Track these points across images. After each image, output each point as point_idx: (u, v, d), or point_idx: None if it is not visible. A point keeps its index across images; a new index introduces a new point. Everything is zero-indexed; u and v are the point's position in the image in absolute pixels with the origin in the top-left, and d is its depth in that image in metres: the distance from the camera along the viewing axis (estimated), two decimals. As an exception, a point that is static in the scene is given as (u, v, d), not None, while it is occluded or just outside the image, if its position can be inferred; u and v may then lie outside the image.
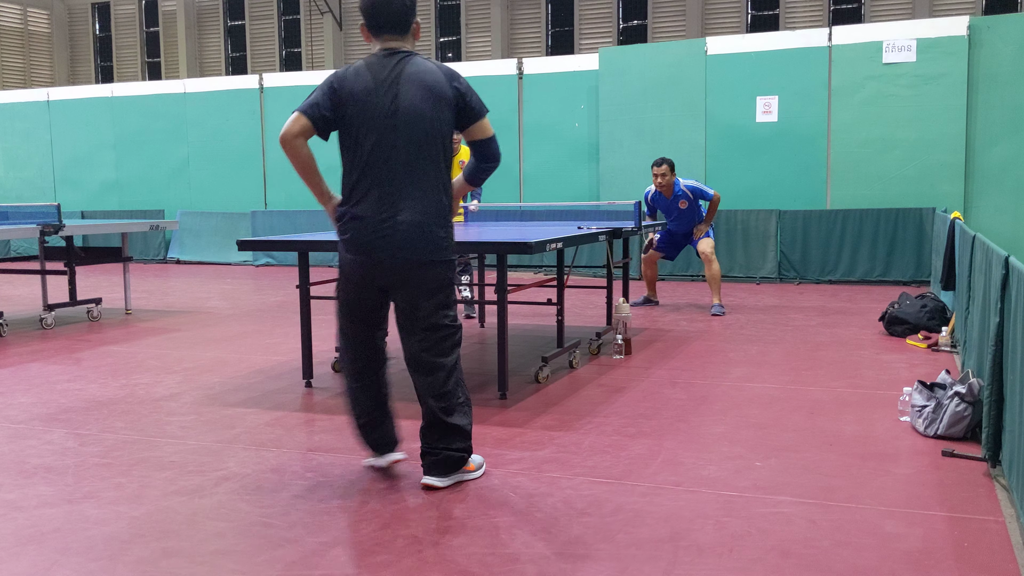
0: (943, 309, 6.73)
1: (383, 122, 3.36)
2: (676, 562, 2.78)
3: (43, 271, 7.75)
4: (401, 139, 3.36)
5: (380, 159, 3.36)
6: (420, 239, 3.38)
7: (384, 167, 3.37)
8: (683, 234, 8.53)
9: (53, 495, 3.45)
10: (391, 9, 3.40)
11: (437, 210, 3.42)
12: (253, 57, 25.59)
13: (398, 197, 3.36)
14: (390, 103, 3.35)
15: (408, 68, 3.40)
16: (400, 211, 3.36)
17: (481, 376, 5.54)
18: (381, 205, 3.36)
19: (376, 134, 3.36)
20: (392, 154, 3.36)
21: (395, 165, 3.37)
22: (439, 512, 3.22)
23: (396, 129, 3.36)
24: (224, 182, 13.91)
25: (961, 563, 2.75)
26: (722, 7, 21.17)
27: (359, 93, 3.37)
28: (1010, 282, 3.38)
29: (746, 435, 4.17)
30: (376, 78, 3.38)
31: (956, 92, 10.00)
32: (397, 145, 3.36)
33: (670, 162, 8.23)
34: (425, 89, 3.38)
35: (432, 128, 3.38)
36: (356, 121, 3.37)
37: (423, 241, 3.38)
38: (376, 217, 3.36)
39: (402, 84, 3.37)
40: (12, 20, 26.31)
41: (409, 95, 3.36)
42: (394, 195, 3.36)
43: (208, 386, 5.35)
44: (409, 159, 3.37)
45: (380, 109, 3.35)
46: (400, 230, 3.35)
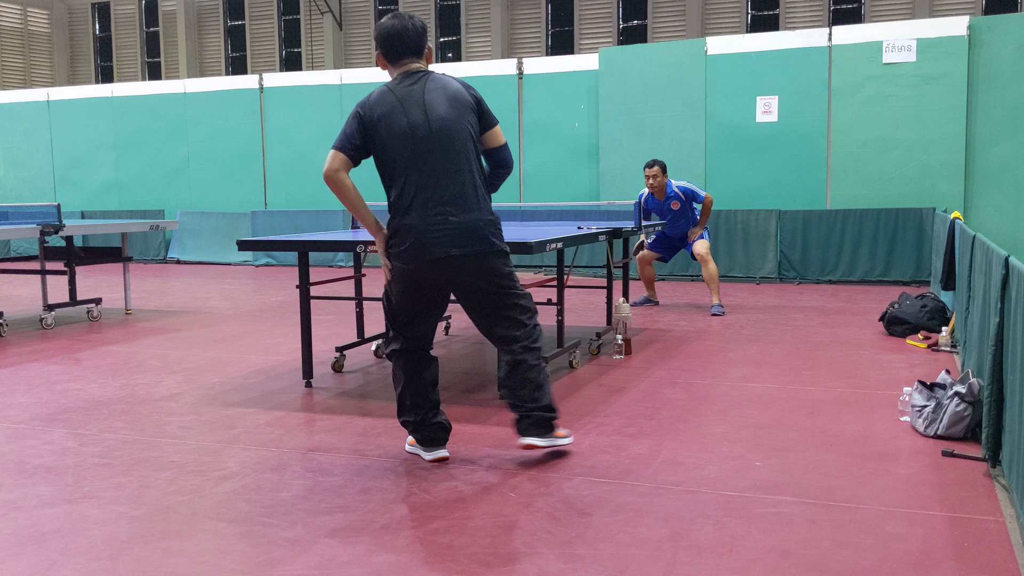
0: (943, 309, 6.73)
1: (417, 135, 3.58)
2: (676, 562, 2.78)
3: (43, 271, 7.75)
4: (437, 147, 3.58)
5: (421, 169, 3.58)
6: (474, 234, 3.60)
7: (426, 175, 3.58)
8: (678, 237, 8.52)
9: (53, 495, 3.45)
10: (406, 37, 3.68)
11: (483, 206, 3.66)
12: (253, 57, 25.60)
13: (445, 201, 3.58)
14: (421, 116, 3.59)
15: (429, 83, 3.66)
16: (450, 214, 3.57)
17: (481, 376, 5.54)
18: (430, 211, 3.57)
19: (412, 147, 3.58)
20: (431, 162, 3.58)
21: (436, 172, 3.58)
22: (439, 512, 3.22)
23: (431, 139, 3.58)
24: (224, 182, 13.92)
25: (961, 563, 2.76)
26: (722, 7, 21.17)
27: (388, 114, 3.60)
28: (1010, 282, 3.38)
29: (746, 435, 4.17)
30: (402, 98, 3.62)
31: (956, 92, 10.00)
32: (434, 153, 3.58)
33: (661, 164, 8.22)
34: (450, 98, 3.63)
35: (463, 133, 3.63)
36: (390, 140, 3.59)
37: (476, 235, 3.61)
38: (428, 223, 3.56)
39: (427, 97, 3.62)
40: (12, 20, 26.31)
41: (437, 106, 3.60)
42: (441, 199, 3.58)
43: (208, 386, 5.35)
44: (448, 164, 3.59)
45: (412, 124, 3.58)
46: (453, 231, 3.57)
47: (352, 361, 6.02)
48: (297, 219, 13.04)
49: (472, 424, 4.41)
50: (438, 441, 3.84)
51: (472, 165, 3.65)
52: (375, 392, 5.18)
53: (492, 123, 3.76)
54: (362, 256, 6.02)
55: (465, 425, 4.38)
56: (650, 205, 8.35)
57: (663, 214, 8.38)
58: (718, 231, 10.77)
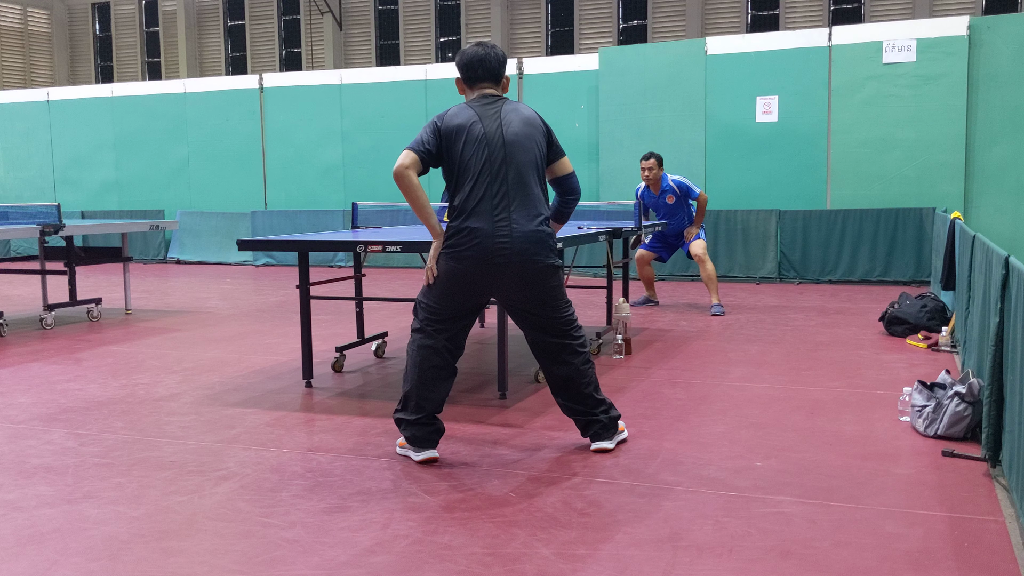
0: (943, 309, 6.73)
1: (493, 147, 3.78)
2: (676, 562, 2.78)
3: (43, 271, 7.75)
4: (510, 161, 3.79)
5: (492, 177, 3.77)
6: (536, 244, 3.77)
7: (497, 183, 3.77)
8: (673, 234, 8.46)
9: (53, 495, 3.45)
10: (488, 65, 3.90)
11: (544, 220, 3.84)
12: (253, 57, 25.60)
13: (511, 210, 3.76)
14: (497, 131, 3.80)
15: (507, 106, 3.90)
16: (515, 222, 3.75)
17: (481, 376, 5.54)
18: (497, 218, 3.74)
19: (487, 154, 3.77)
20: (503, 171, 3.78)
21: (506, 181, 3.78)
22: (439, 512, 3.22)
23: (505, 152, 3.79)
24: (224, 182, 13.92)
25: (961, 563, 2.75)
26: (722, 7, 21.17)
27: (467, 125, 3.80)
28: (1010, 282, 3.37)
29: (746, 435, 4.17)
30: (481, 114, 3.83)
31: (956, 92, 10.00)
32: (507, 166, 3.79)
33: (658, 156, 8.18)
34: (525, 121, 3.87)
35: (534, 152, 3.85)
36: (466, 146, 3.78)
37: (539, 246, 3.78)
38: (492, 229, 3.72)
39: (504, 116, 3.84)
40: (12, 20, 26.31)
41: (513, 125, 3.83)
42: (508, 208, 3.76)
43: (208, 386, 5.35)
44: (518, 178, 3.80)
45: (488, 134, 3.79)
46: (517, 238, 3.73)
47: (352, 361, 6.02)
48: (297, 219, 13.04)
49: (472, 424, 4.41)
50: (430, 442, 3.86)
51: (538, 182, 3.87)
52: (375, 392, 5.18)
53: (561, 153, 4.00)
54: (362, 256, 6.02)
55: (465, 425, 4.38)
56: (645, 199, 8.30)
57: (658, 209, 8.33)
58: (718, 231, 10.77)
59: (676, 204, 8.26)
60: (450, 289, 3.82)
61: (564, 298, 3.94)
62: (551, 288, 3.86)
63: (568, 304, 3.96)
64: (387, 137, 12.86)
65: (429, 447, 3.85)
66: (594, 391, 3.95)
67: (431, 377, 3.85)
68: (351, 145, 13.12)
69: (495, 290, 3.84)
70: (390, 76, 13.11)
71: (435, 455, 3.84)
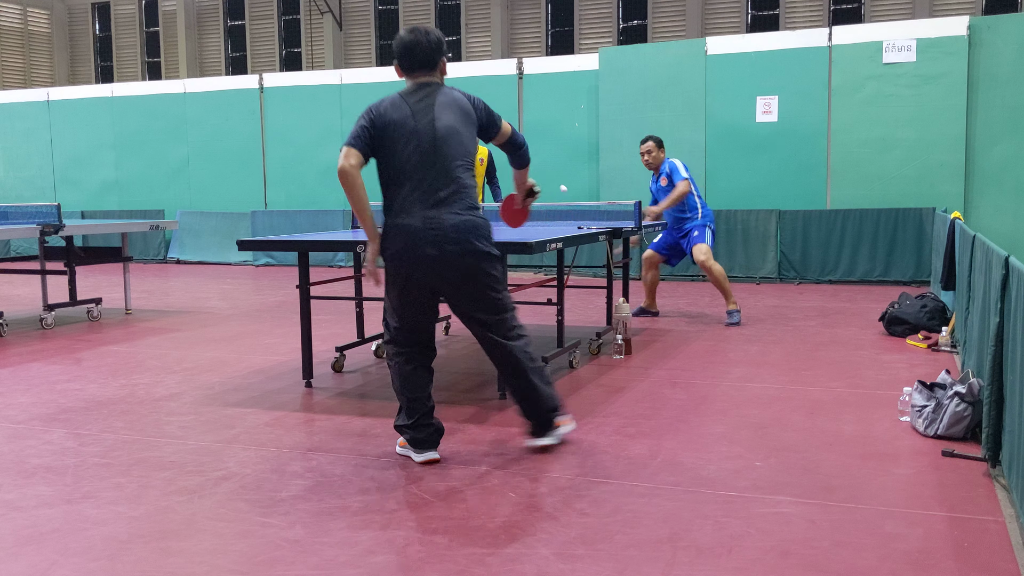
0: (943, 309, 6.73)
1: (423, 142, 3.75)
2: (675, 562, 2.78)
3: (43, 271, 7.75)
4: (440, 155, 3.76)
5: (423, 172, 3.75)
6: (468, 232, 3.74)
7: (428, 179, 3.75)
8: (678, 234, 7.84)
9: (52, 495, 3.45)
10: (421, 50, 3.87)
11: (475, 210, 3.83)
12: (253, 57, 25.60)
13: (441, 204, 3.74)
14: (428, 125, 3.77)
15: (440, 96, 3.85)
16: (445, 214, 3.73)
17: (481, 376, 5.54)
18: (427, 213, 3.72)
19: (417, 151, 3.75)
20: (433, 168, 3.75)
21: (437, 175, 3.75)
22: (439, 512, 3.22)
23: (435, 146, 3.76)
24: (224, 182, 13.91)
25: (961, 563, 2.75)
26: (722, 7, 21.17)
27: (399, 119, 3.77)
28: (1010, 282, 3.37)
29: (746, 435, 4.17)
30: (413, 106, 3.80)
31: (956, 92, 10.00)
32: (437, 160, 3.76)
33: (656, 139, 7.72)
34: (458, 111, 3.84)
35: (465, 143, 3.84)
36: (398, 143, 3.75)
37: (470, 233, 3.75)
38: (422, 224, 3.71)
39: (437, 108, 3.81)
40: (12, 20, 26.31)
41: (445, 117, 3.80)
42: (437, 203, 3.74)
43: (208, 386, 5.35)
44: (448, 172, 3.77)
45: (419, 130, 3.76)
46: (447, 228, 3.71)
47: (352, 361, 6.02)
48: (297, 219, 13.04)
49: (472, 424, 4.40)
50: (431, 444, 3.87)
51: (470, 175, 3.85)
52: (375, 392, 5.18)
53: (499, 123, 4.04)
54: (362, 256, 6.02)
55: (465, 425, 4.38)
56: (651, 188, 7.86)
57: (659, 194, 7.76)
58: (718, 231, 10.75)
59: (668, 188, 7.64)
60: (401, 292, 3.83)
61: (503, 291, 3.90)
62: (487, 277, 3.82)
63: (509, 298, 3.93)
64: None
65: (430, 448, 3.85)
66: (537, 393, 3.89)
67: (413, 381, 3.88)
68: (351, 145, 13.11)
69: (437, 286, 3.82)
70: (390, 76, 13.07)
71: (436, 456, 3.84)
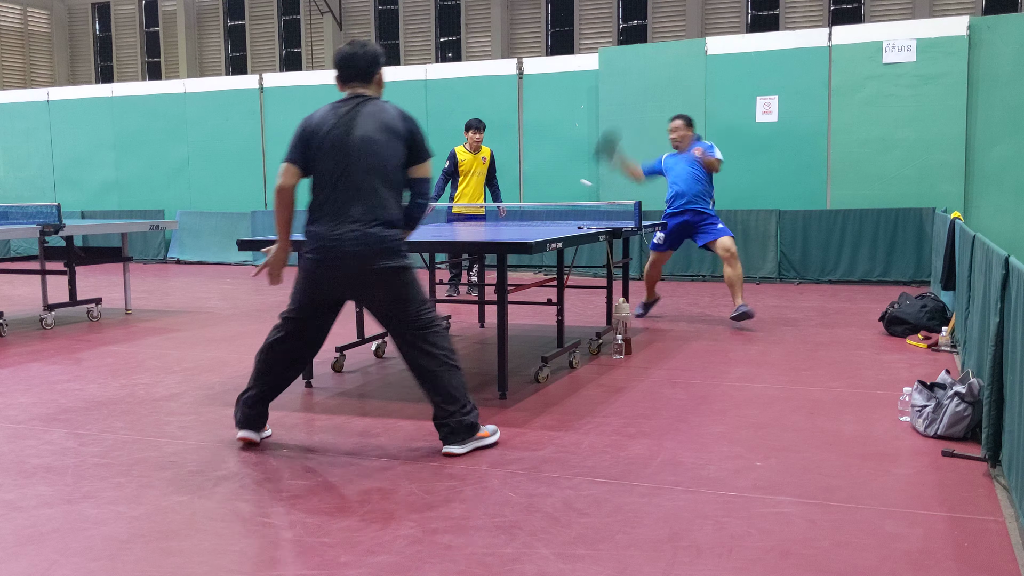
0: (943, 309, 6.73)
1: (340, 153, 3.84)
2: (675, 562, 2.78)
3: (43, 271, 7.75)
4: (356, 166, 3.83)
5: (336, 182, 3.85)
6: (371, 247, 3.80)
7: (338, 189, 3.84)
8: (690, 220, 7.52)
9: (52, 495, 3.45)
10: (355, 63, 3.97)
11: (384, 223, 3.85)
12: (253, 57, 25.60)
13: (351, 215, 3.82)
14: (347, 136, 3.85)
15: (366, 108, 3.92)
16: (352, 227, 3.81)
17: (481, 376, 5.54)
18: (334, 221, 3.83)
19: (333, 161, 3.85)
20: (345, 177, 3.84)
21: (351, 187, 3.84)
22: (439, 512, 3.22)
23: (351, 157, 3.83)
24: (224, 182, 13.91)
25: (961, 563, 2.75)
26: (722, 7, 21.17)
27: (323, 129, 3.88)
28: (1010, 282, 3.37)
29: (746, 435, 4.17)
30: (337, 115, 3.90)
31: (956, 92, 10.00)
32: (349, 170, 3.83)
33: (686, 118, 7.59)
34: (379, 123, 3.87)
35: (385, 156, 3.86)
36: (319, 152, 3.87)
37: (373, 248, 3.81)
38: (330, 232, 3.83)
39: (358, 119, 3.88)
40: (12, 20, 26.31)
41: (363, 127, 3.86)
42: (347, 214, 3.82)
43: (208, 386, 5.35)
44: (361, 183, 3.84)
45: (337, 140, 3.85)
46: (349, 241, 3.79)
47: (352, 361, 6.02)
48: (297, 219, 13.01)
49: (472, 424, 4.40)
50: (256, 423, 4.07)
51: (387, 187, 3.87)
52: (374, 392, 5.18)
53: (424, 157, 3.99)
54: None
55: (465, 425, 4.38)
56: (668, 164, 7.63)
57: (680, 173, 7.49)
58: (718, 231, 10.76)
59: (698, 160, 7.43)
60: (307, 287, 3.97)
61: (415, 300, 3.93)
62: (396, 290, 3.89)
63: (422, 306, 3.95)
64: (387, 137, 12.84)
65: (251, 428, 4.06)
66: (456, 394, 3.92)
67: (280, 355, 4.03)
68: (351, 145, 13.13)
69: (345, 292, 3.96)
70: (390, 76, 12.95)
71: (254, 437, 4.06)
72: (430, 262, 6.79)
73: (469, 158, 9.22)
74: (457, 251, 8.19)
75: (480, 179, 9.32)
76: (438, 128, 12.60)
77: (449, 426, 3.89)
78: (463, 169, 9.23)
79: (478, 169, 9.27)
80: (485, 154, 9.31)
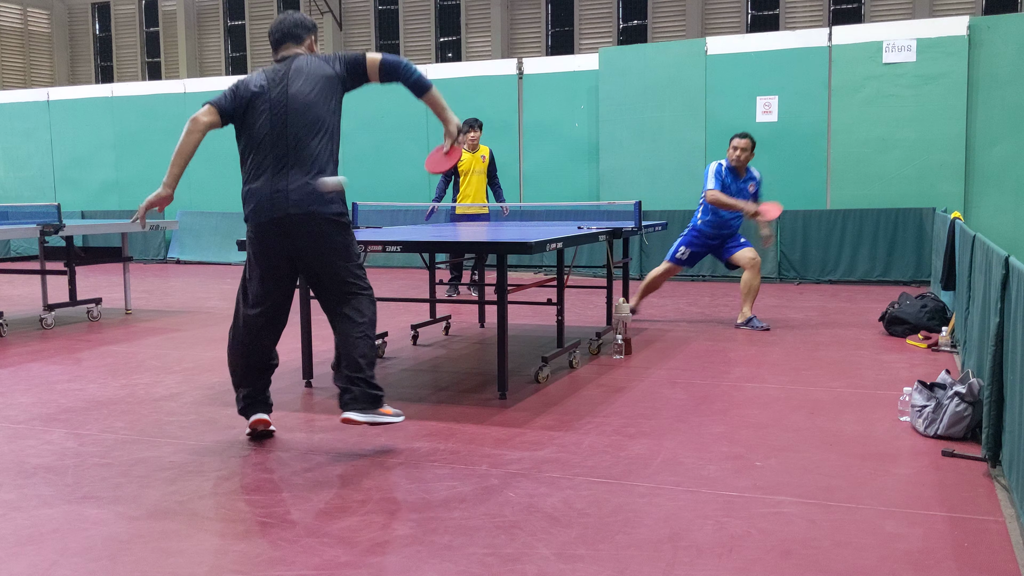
0: (943, 309, 6.73)
1: (275, 113, 3.91)
2: (675, 562, 2.78)
3: (43, 271, 7.75)
4: (292, 124, 3.89)
5: (273, 142, 3.90)
6: (311, 196, 3.86)
7: (276, 148, 3.90)
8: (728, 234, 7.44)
9: (52, 495, 3.45)
10: (281, 26, 4.07)
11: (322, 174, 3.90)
12: (253, 57, 25.58)
13: (288, 171, 3.88)
14: (282, 95, 3.91)
15: (295, 64, 3.97)
16: (292, 180, 3.88)
17: (481, 376, 5.54)
18: (274, 178, 3.90)
19: (270, 122, 3.91)
20: (284, 137, 3.90)
21: (285, 145, 3.89)
22: (439, 512, 3.22)
23: (287, 116, 3.90)
24: (224, 182, 13.91)
25: (961, 563, 2.75)
26: (722, 7, 21.17)
27: (256, 91, 3.95)
28: (1010, 282, 3.37)
29: (746, 435, 4.17)
30: (270, 77, 3.97)
31: (956, 92, 10.00)
32: (288, 130, 3.89)
33: (753, 140, 7.37)
34: (312, 78, 3.93)
35: (321, 108, 3.92)
36: (254, 113, 3.94)
37: (313, 196, 3.86)
38: (270, 189, 3.89)
39: (291, 78, 3.94)
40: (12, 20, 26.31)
41: (296, 85, 3.92)
42: (285, 169, 3.89)
43: (208, 386, 5.35)
44: (299, 140, 3.89)
45: (273, 102, 3.91)
46: (292, 191, 3.86)
47: (352, 361, 6.01)
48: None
49: (472, 424, 4.40)
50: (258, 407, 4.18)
51: (323, 140, 3.93)
52: (375, 392, 5.18)
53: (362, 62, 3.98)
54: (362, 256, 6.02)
55: (465, 425, 4.38)
56: (728, 180, 7.36)
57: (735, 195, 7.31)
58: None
59: (755, 196, 7.40)
60: (259, 258, 4.02)
61: (352, 257, 3.99)
62: (334, 242, 3.93)
63: (358, 268, 4.02)
64: (387, 137, 12.86)
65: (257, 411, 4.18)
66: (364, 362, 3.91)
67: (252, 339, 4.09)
68: (351, 145, 13.11)
69: (289, 251, 3.96)
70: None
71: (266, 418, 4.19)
72: (430, 262, 6.79)
73: (468, 157, 9.22)
74: (456, 251, 8.19)
75: (480, 178, 9.32)
76: (438, 128, 12.59)
77: (352, 392, 3.90)
78: (462, 169, 9.22)
79: (477, 168, 9.26)
80: (484, 153, 9.31)
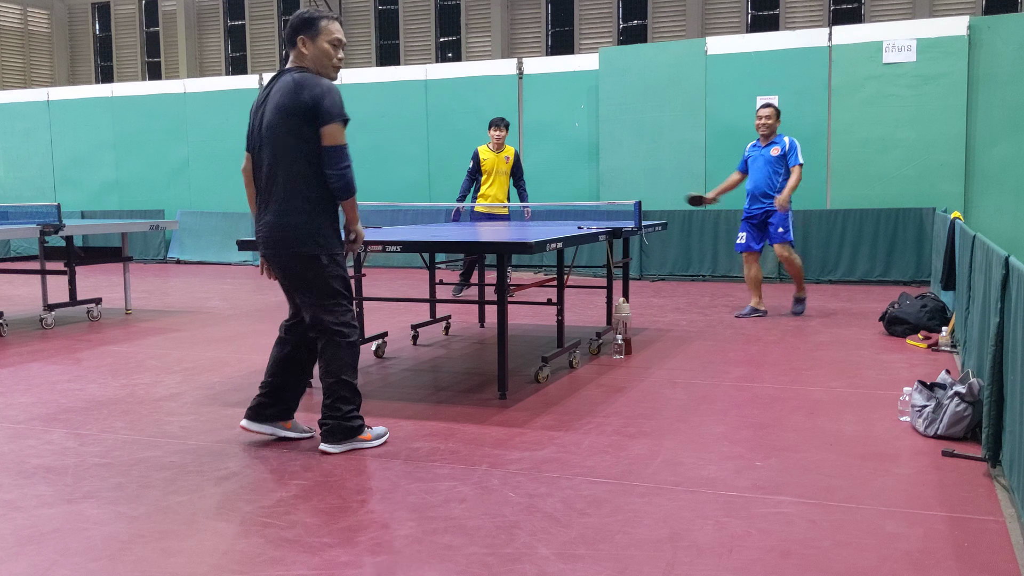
0: (943, 309, 6.73)
1: (255, 138, 3.96)
2: (675, 562, 2.78)
3: (43, 271, 7.75)
4: (266, 153, 3.89)
5: (259, 167, 3.95)
6: (280, 233, 3.86)
7: (258, 178, 3.96)
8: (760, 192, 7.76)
9: (53, 495, 3.45)
10: (286, 32, 4.00)
11: (293, 210, 3.84)
12: (253, 57, 25.58)
13: (269, 200, 3.90)
14: (261, 120, 3.92)
15: (275, 85, 3.90)
16: (268, 212, 3.90)
17: (481, 376, 5.54)
18: (260, 211, 3.96)
19: (254, 150, 3.97)
20: (262, 163, 3.91)
21: (264, 175, 3.91)
22: (439, 512, 3.22)
23: (262, 145, 3.91)
24: (224, 182, 13.91)
25: (961, 563, 2.75)
26: (722, 7, 21.16)
27: (252, 110, 4.00)
28: (1010, 282, 3.37)
29: (746, 435, 4.17)
30: (259, 100, 3.97)
31: (956, 92, 10.00)
32: (264, 158, 3.90)
33: (776, 107, 7.87)
34: (278, 108, 3.82)
35: (285, 141, 3.81)
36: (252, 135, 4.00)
37: (283, 233, 3.86)
38: (257, 221, 3.98)
39: (268, 101, 3.90)
40: (12, 20, 26.31)
41: (268, 114, 3.87)
42: (267, 199, 3.91)
43: (208, 386, 5.35)
44: (272, 168, 3.87)
45: (254, 127, 3.96)
46: (264, 227, 3.92)
47: (352, 361, 6.01)
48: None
49: (472, 424, 4.41)
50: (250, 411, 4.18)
51: (289, 169, 3.82)
52: (374, 392, 5.18)
53: (325, 120, 3.76)
54: (362, 256, 6.02)
55: (465, 425, 4.38)
56: (750, 155, 7.88)
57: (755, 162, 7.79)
58: (718, 231, 10.77)
59: (777, 160, 7.73)
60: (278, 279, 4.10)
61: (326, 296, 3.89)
62: (305, 278, 3.90)
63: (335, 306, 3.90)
64: (387, 137, 12.86)
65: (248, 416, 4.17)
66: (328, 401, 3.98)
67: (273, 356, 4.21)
68: (351, 145, 13.03)
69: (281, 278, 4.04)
70: (390, 76, 13.11)
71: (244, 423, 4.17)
72: (430, 262, 6.79)
73: (492, 157, 9.22)
74: (456, 251, 8.19)
75: (504, 178, 9.32)
76: (438, 128, 12.61)
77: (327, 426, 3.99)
78: (486, 168, 9.24)
79: (501, 168, 9.27)
80: (508, 153, 9.31)
